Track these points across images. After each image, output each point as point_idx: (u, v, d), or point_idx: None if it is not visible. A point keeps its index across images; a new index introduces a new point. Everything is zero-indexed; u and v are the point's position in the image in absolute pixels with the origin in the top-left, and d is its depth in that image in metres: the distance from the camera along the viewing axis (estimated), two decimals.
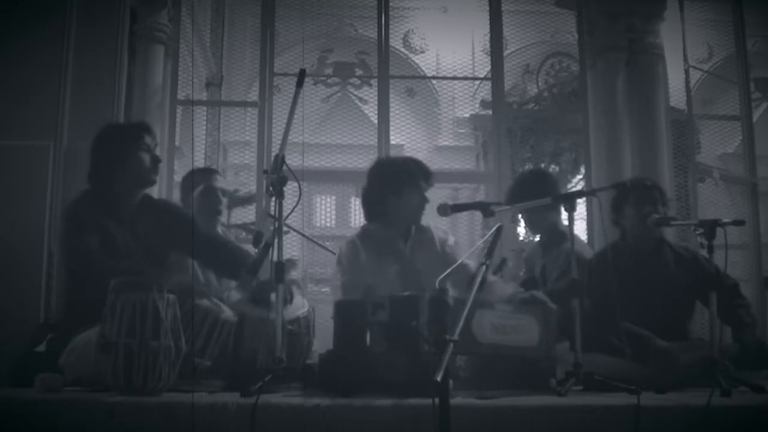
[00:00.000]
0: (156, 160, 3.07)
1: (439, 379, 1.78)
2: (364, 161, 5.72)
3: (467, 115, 8.60)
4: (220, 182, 3.71)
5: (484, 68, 6.51)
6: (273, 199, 2.59)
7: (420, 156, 3.87)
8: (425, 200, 3.35)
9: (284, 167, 2.59)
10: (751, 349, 3.08)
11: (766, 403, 2.43)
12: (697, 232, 2.91)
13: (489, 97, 5.89)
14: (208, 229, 3.44)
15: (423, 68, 8.07)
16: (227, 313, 2.77)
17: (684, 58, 5.72)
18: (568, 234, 3.50)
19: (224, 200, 3.69)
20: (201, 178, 3.69)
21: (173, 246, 3.09)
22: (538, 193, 3.28)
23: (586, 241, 5.13)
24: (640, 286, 3.32)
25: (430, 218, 3.44)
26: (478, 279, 2.26)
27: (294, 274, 6.22)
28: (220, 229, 3.76)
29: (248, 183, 6.05)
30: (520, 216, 3.80)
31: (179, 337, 2.41)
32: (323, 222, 8.34)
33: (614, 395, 2.43)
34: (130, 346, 2.31)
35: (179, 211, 3.30)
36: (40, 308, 4.28)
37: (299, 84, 2.71)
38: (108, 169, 3.00)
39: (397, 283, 3.16)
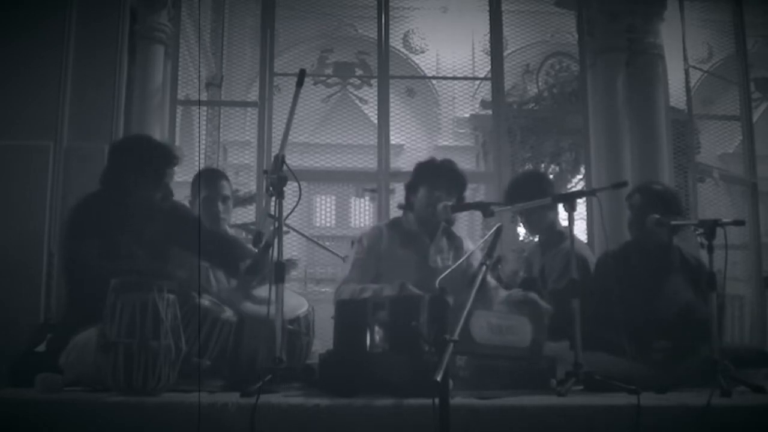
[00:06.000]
0: (167, 197, 3.14)
1: (439, 379, 1.78)
2: (364, 161, 5.72)
3: (467, 115, 8.61)
4: (225, 189, 3.63)
5: (484, 68, 6.50)
6: (273, 199, 2.59)
7: (420, 156, 3.86)
8: (438, 202, 3.22)
9: (284, 167, 2.60)
10: None
11: (766, 403, 2.44)
12: (697, 232, 2.91)
13: (489, 97, 5.88)
14: (213, 229, 3.45)
15: (423, 68, 8.07)
16: (227, 313, 2.77)
17: (684, 58, 5.71)
18: (566, 233, 3.50)
19: (226, 206, 3.62)
20: (206, 183, 3.59)
21: (177, 244, 3.11)
22: (534, 194, 3.28)
23: (585, 241, 5.14)
24: (647, 286, 3.32)
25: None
26: (478, 279, 2.26)
27: (294, 274, 6.23)
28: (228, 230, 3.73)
29: (248, 183, 6.05)
30: (519, 216, 3.79)
31: (179, 337, 2.42)
32: (323, 222, 8.35)
33: (614, 395, 2.43)
34: (130, 346, 2.32)
35: (184, 211, 3.32)
36: (40, 308, 4.28)
37: (299, 84, 2.71)
38: (120, 184, 3.06)
39: (413, 278, 3.16)
